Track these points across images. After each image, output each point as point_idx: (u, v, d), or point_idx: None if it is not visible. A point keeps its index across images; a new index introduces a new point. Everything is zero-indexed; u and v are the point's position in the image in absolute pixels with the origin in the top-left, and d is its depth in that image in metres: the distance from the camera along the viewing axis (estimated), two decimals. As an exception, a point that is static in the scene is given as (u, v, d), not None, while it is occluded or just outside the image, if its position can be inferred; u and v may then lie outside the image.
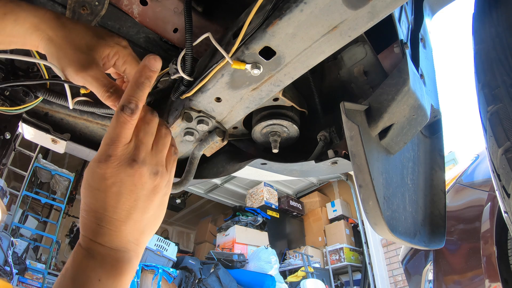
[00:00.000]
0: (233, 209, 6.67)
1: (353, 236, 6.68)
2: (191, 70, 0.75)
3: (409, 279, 1.90)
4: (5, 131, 0.91)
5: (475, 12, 0.97)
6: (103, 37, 0.59)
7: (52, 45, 0.56)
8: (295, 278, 5.59)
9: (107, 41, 0.59)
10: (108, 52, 0.58)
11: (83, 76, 0.54)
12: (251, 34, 0.63)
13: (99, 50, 0.57)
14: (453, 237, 1.45)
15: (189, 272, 4.38)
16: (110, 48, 0.58)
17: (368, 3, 0.54)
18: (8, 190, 5.21)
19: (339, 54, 1.01)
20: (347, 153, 0.89)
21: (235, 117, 0.84)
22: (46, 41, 0.55)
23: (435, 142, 1.07)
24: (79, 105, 0.84)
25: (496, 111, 0.82)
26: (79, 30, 0.57)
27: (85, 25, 0.59)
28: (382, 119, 0.80)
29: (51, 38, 0.55)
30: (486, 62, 0.88)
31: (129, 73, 0.62)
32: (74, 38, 0.56)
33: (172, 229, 10.67)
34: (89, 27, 0.59)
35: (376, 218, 0.72)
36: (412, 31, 0.99)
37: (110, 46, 0.58)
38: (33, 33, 0.55)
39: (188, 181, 0.89)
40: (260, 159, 1.03)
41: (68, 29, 0.56)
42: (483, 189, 1.41)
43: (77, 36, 0.56)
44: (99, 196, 0.47)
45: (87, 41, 0.57)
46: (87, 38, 0.57)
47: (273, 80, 0.71)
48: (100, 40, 0.58)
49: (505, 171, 0.79)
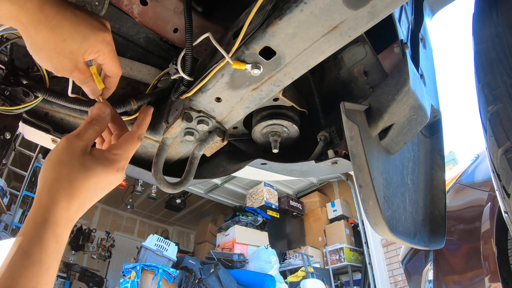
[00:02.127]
0: (233, 209, 6.67)
1: (353, 236, 6.67)
2: (191, 70, 0.75)
3: (409, 279, 1.90)
4: (5, 131, 0.91)
5: (475, 12, 0.97)
6: (87, 38, 0.56)
7: (34, 45, 0.54)
8: (295, 278, 5.59)
9: (91, 42, 0.56)
10: (90, 52, 0.57)
11: (64, 75, 0.58)
12: (251, 34, 0.63)
13: (82, 54, 0.57)
14: (453, 237, 1.45)
15: (189, 272, 4.38)
16: (93, 48, 0.57)
17: (368, 3, 0.54)
18: (8, 190, 5.21)
19: (339, 54, 1.01)
20: (347, 153, 0.89)
21: (235, 117, 0.84)
22: (26, 37, 0.53)
23: (435, 142, 1.07)
24: (79, 105, 0.84)
25: (496, 111, 0.82)
26: (63, 28, 0.53)
27: (69, 21, 0.54)
28: (382, 119, 0.80)
29: (32, 37, 0.53)
30: (486, 62, 0.88)
31: (105, 69, 0.63)
32: (57, 40, 0.53)
33: (172, 229, 10.67)
34: (73, 23, 0.55)
35: (376, 218, 0.72)
36: (412, 31, 0.99)
37: (93, 46, 0.57)
38: (9, 22, 0.51)
39: (188, 181, 0.89)
40: (260, 159, 1.03)
41: (51, 26, 0.52)
42: (483, 189, 1.41)
43: (60, 37, 0.53)
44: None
45: (71, 47, 0.55)
46: (71, 43, 0.55)
47: (273, 80, 0.71)
48: (84, 42, 0.56)
49: (505, 171, 0.79)
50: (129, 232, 9.79)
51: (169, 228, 10.59)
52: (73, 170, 0.53)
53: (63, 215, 0.50)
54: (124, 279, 3.97)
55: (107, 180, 0.56)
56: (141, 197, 8.58)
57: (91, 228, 8.34)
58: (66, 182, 0.52)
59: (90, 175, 0.54)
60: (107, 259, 8.55)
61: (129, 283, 3.90)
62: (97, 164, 0.55)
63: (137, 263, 4.18)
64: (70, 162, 0.53)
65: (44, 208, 0.50)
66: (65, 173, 0.52)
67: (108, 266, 8.52)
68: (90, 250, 8.27)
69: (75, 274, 6.86)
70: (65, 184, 0.52)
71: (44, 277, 0.46)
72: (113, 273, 8.20)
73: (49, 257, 0.47)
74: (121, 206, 9.27)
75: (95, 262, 8.36)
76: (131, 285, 3.90)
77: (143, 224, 10.25)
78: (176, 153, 1.02)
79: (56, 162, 0.53)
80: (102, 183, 0.56)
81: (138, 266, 4.04)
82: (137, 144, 0.64)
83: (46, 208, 0.50)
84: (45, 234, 0.48)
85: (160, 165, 0.86)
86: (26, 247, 0.46)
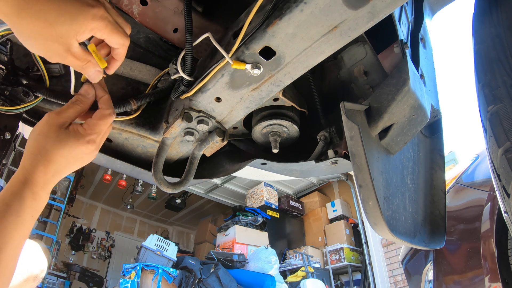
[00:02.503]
0: (233, 209, 6.67)
1: (353, 236, 6.67)
2: (191, 70, 0.75)
3: (409, 279, 1.90)
4: (5, 131, 0.91)
5: (475, 12, 0.97)
6: (76, 18, 0.52)
7: (20, 34, 0.52)
8: (295, 278, 5.59)
9: (80, 22, 0.53)
10: (83, 32, 0.54)
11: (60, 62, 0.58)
12: (251, 34, 0.63)
13: (75, 36, 0.54)
14: (453, 237, 1.45)
15: (189, 272, 4.38)
16: (85, 28, 0.54)
17: (368, 3, 0.54)
18: (8, 190, 5.20)
19: (339, 54, 1.01)
20: (347, 153, 0.89)
21: (235, 117, 0.84)
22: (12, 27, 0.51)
23: (435, 142, 1.07)
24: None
25: (496, 111, 0.82)
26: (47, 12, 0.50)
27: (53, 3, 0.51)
28: (382, 119, 0.80)
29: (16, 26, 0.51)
30: (486, 62, 0.88)
31: (109, 42, 0.61)
32: (42, 26, 0.50)
33: (172, 229, 10.67)
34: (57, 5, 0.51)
35: (376, 218, 0.72)
36: (412, 31, 0.99)
37: (84, 26, 0.53)
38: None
39: (188, 181, 0.89)
40: (260, 159, 1.03)
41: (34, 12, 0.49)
42: (483, 189, 1.41)
43: (45, 22, 0.50)
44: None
45: (58, 31, 0.51)
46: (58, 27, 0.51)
47: (273, 80, 0.71)
48: (72, 24, 0.52)
49: (505, 171, 0.79)
50: (129, 232, 9.79)
51: (169, 228, 10.59)
52: (49, 141, 0.61)
53: (41, 177, 0.59)
54: (124, 279, 3.97)
55: (78, 150, 0.63)
56: (141, 197, 8.58)
57: (91, 228, 8.35)
58: (44, 150, 0.60)
59: (62, 146, 0.61)
60: (107, 259, 8.55)
61: (129, 283, 3.90)
62: (69, 136, 0.63)
63: (137, 263, 4.18)
64: (48, 134, 0.62)
65: (25, 170, 0.58)
66: (43, 143, 0.61)
67: (108, 266, 8.52)
68: (90, 250, 8.27)
69: (75, 274, 6.87)
70: (43, 152, 0.60)
71: (19, 228, 0.54)
72: (113, 273, 8.20)
73: (26, 211, 0.56)
74: (121, 206, 9.27)
75: (95, 262, 8.36)
76: (131, 285, 3.90)
77: (143, 224, 10.25)
78: (176, 153, 1.02)
79: (37, 133, 0.62)
80: (74, 152, 0.63)
81: (138, 266, 4.04)
82: (110, 118, 0.68)
83: (27, 170, 0.58)
84: (24, 191, 0.56)
85: (160, 165, 0.86)
86: (8, 199, 0.55)
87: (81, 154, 0.64)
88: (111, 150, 1.03)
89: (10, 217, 0.53)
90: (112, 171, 6.87)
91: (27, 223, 0.56)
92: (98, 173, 7.67)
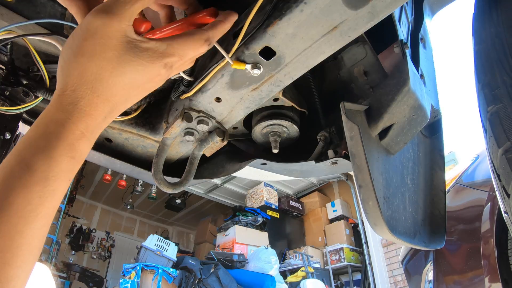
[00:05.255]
0: (233, 209, 6.67)
1: (353, 236, 6.68)
2: (191, 70, 0.75)
3: (409, 279, 1.90)
4: (5, 131, 0.91)
5: (475, 12, 0.97)
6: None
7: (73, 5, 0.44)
8: (295, 278, 5.59)
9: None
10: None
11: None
12: (251, 34, 0.63)
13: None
14: (453, 237, 1.45)
15: (189, 272, 4.38)
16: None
17: (368, 3, 0.54)
18: (8, 190, 5.20)
19: (339, 54, 1.01)
20: (347, 153, 0.89)
21: (235, 117, 0.84)
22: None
23: (435, 142, 1.07)
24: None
25: (496, 111, 0.82)
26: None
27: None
28: (382, 119, 0.80)
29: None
30: (486, 62, 0.88)
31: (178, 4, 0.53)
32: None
33: (172, 229, 10.67)
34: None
35: (376, 218, 0.72)
36: (412, 31, 0.99)
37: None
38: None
39: (188, 181, 0.89)
40: (260, 159, 1.03)
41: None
42: (483, 189, 1.41)
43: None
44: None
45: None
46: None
47: (273, 80, 0.71)
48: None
49: (505, 171, 0.79)
50: (129, 232, 9.79)
51: (169, 228, 10.60)
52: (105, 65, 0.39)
53: (89, 122, 0.39)
54: (124, 279, 3.97)
55: (147, 76, 0.43)
56: (141, 197, 8.58)
57: (91, 228, 8.35)
58: (96, 80, 0.39)
59: (128, 70, 0.41)
60: (107, 259, 8.55)
61: (129, 283, 3.90)
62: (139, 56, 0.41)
63: (137, 263, 4.18)
64: (105, 52, 0.39)
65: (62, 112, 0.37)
66: (94, 69, 0.39)
67: (108, 266, 8.52)
68: (90, 250, 8.27)
69: (75, 274, 6.87)
70: (95, 84, 0.39)
71: (48, 201, 0.35)
72: (113, 273, 8.21)
73: (58, 176, 0.36)
74: (121, 206, 9.28)
75: (95, 262, 8.36)
76: (131, 285, 3.90)
77: (143, 224, 10.25)
78: (176, 153, 1.02)
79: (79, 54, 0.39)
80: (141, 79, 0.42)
81: (138, 266, 4.04)
82: (202, 46, 0.49)
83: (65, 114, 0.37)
84: (58, 146, 0.36)
85: (160, 165, 0.86)
86: (29, 159, 0.35)
87: (149, 82, 0.44)
88: (111, 150, 1.03)
89: (34, 187, 0.34)
90: (112, 171, 6.87)
91: (58, 193, 0.36)
92: (98, 173, 7.68)
